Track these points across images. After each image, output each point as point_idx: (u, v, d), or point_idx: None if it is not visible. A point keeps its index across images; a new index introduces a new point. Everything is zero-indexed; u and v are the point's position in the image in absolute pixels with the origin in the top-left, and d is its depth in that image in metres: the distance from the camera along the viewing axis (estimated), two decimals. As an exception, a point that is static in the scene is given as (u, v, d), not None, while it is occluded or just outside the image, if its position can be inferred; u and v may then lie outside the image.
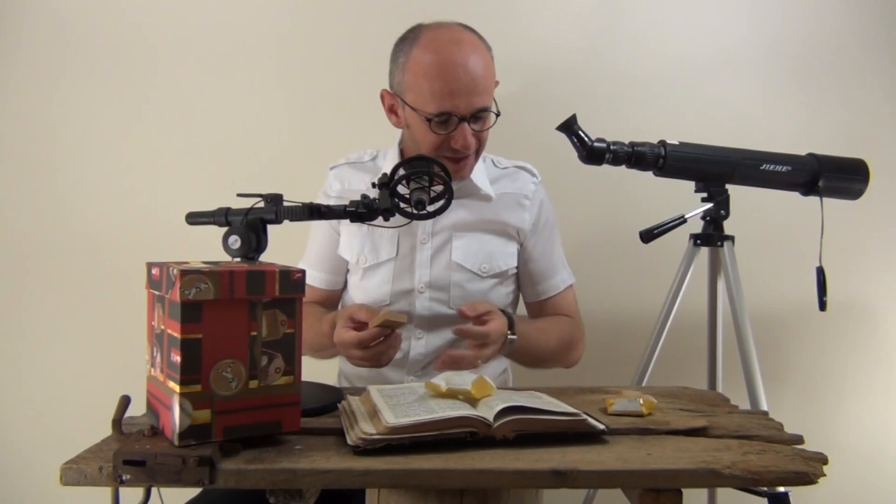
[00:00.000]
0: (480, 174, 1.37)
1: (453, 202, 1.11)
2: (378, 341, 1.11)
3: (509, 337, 1.20)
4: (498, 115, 1.29)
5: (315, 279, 1.43)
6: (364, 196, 1.06)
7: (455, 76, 1.22)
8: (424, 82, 1.24)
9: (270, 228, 1.03)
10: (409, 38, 1.28)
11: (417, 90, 1.25)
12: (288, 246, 1.26)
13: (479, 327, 1.15)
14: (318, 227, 1.44)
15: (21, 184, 1.87)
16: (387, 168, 1.25)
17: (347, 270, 1.43)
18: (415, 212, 1.05)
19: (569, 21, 1.86)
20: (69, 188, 1.87)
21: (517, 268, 1.40)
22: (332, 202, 1.11)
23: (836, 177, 1.49)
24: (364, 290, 1.36)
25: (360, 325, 1.13)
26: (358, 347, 1.11)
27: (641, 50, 1.86)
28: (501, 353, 1.22)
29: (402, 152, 1.38)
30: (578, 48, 1.86)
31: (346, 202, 1.06)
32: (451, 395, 0.91)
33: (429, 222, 1.34)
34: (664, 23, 1.86)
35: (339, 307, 1.45)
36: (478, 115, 1.26)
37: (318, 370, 1.25)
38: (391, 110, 1.34)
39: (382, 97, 1.34)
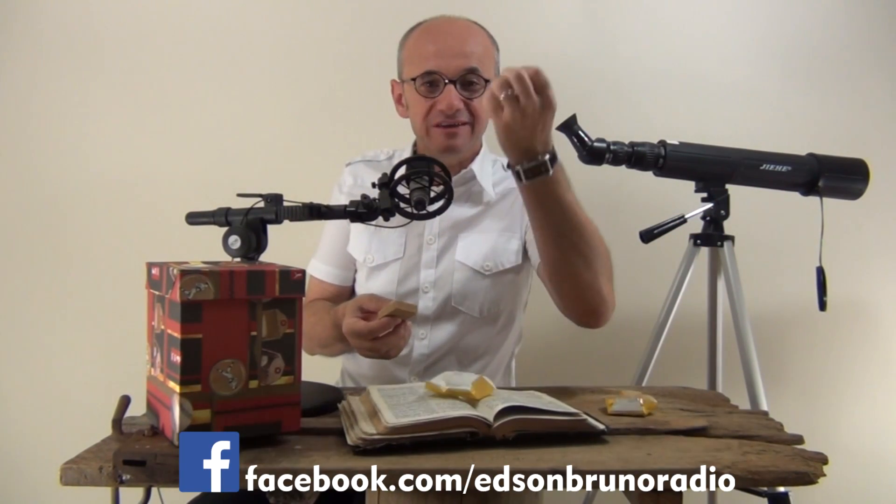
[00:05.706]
0: (486, 177, 1.37)
1: (459, 202, 1.11)
2: (387, 332, 1.09)
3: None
4: (487, 81, 1.28)
5: (327, 274, 1.42)
6: (364, 196, 1.06)
7: (441, 37, 1.29)
8: (415, 49, 1.31)
9: (270, 228, 1.04)
10: (413, 27, 1.35)
11: (410, 60, 1.32)
12: (288, 246, 1.26)
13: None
14: (332, 221, 1.44)
15: (20, 183, 1.87)
16: None
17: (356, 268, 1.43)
18: (415, 212, 1.05)
19: (569, 20, 1.86)
20: (69, 188, 1.87)
21: (526, 258, 1.39)
22: (344, 197, 1.11)
23: (836, 177, 1.49)
24: (370, 290, 1.36)
25: (369, 315, 1.11)
26: (366, 338, 1.10)
27: (642, 50, 1.85)
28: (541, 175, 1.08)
29: (415, 153, 1.39)
30: (578, 47, 1.86)
31: (357, 198, 1.06)
32: (451, 395, 0.91)
33: (435, 223, 1.35)
34: (665, 23, 1.86)
35: None
36: (467, 80, 1.28)
37: (318, 370, 1.24)
38: (398, 101, 1.38)
39: (392, 87, 1.39)
